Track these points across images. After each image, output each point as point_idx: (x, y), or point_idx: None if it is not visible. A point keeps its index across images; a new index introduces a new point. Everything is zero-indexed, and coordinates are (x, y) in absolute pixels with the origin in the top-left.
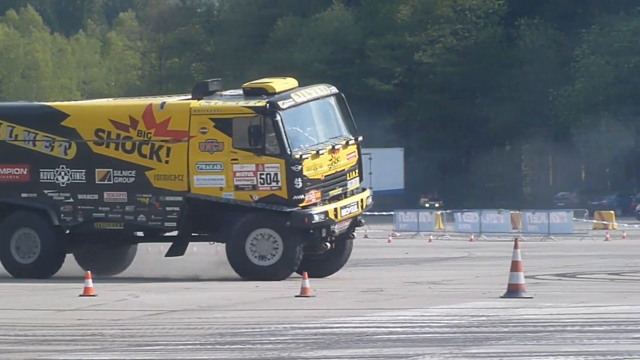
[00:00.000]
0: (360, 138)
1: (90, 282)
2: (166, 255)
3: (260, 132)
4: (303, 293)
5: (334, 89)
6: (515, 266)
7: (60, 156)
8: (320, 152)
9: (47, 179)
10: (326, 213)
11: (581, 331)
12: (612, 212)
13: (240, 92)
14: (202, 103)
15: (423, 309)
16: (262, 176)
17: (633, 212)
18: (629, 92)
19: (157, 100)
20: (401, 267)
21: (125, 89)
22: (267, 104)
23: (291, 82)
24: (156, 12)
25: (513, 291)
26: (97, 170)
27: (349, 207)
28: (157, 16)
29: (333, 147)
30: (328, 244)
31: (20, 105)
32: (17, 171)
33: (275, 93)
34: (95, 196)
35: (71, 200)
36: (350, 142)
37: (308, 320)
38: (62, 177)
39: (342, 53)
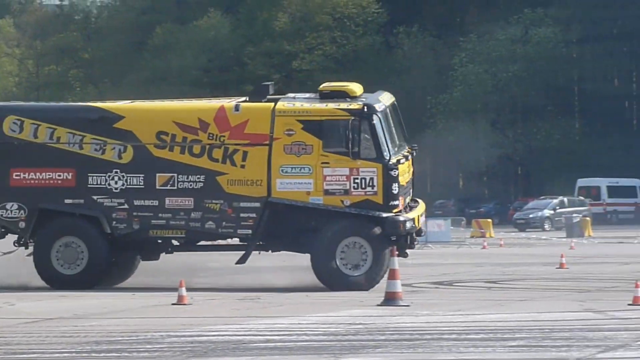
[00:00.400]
0: (416, 146)
1: None
2: (236, 263)
3: (356, 135)
4: (180, 301)
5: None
6: (392, 274)
7: (114, 160)
8: (408, 158)
9: (96, 184)
10: (413, 220)
11: (458, 339)
12: (489, 220)
13: (310, 95)
14: (287, 104)
15: (300, 317)
16: (356, 180)
17: (510, 221)
18: (506, 100)
19: (229, 102)
20: (280, 274)
21: (1, 95)
22: (365, 107)
23: (358, 87)
24: (34, 18)
25: (390, 299)
26: (158, 175)
27: (422, 215)
28: (35, 23)
29: (411, 153)
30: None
31: (63, 106)
32: (59, 176)
33: (356, 96)
34: (155, 202)
35: (126, 206)
36: (415, 150)
37: (185, 329)
38: (116, 182)
39: (220, 60)
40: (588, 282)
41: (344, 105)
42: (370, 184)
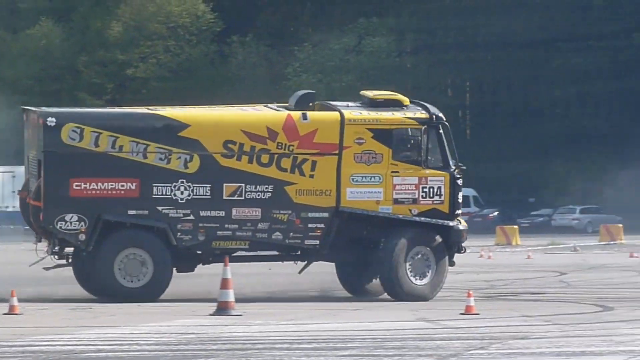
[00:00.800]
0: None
1: None
2: (300, 272)
3: (426, 144)
4: (11, 311)
5: None
6: (224, 284)
7: (180, 170)
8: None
9: (161, 195)
10: (467, 229)
11: (290, 349)
12: None
13: (356, 103)
14: (354, 113)
15: (132, 327)
16: (425, 189)
17: None
18: None
19: (297, 113)
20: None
21: None
22: (433, 116)
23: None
24: None
25: (222, 309)
26: (225, 185)
27: None
28: None
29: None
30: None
31: (126, 113)
32: (122, 186)
33: (407, 105)
34: (222, 213)
35: (191, 217)
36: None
37: (15, 338)
38: (182, 193)
39: (53, 69)
40: None
41: (411, 114)
42: (438, 192)
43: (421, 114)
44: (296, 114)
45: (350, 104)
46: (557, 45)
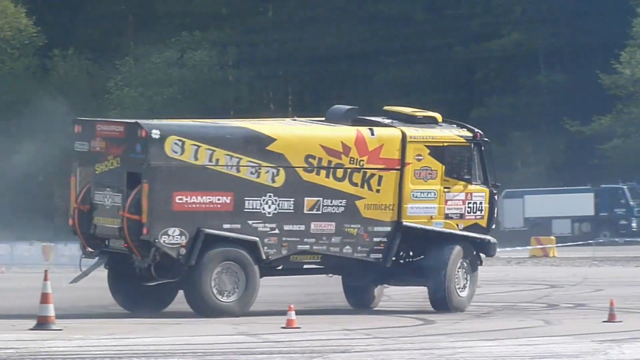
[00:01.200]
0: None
1: None
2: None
3: (472, 161)
4: None
5: None
6: (44, 298)
7: (268, 184)
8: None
9: (252, 209)
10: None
11: None
12: None
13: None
14: (412, 131)
15: None
16: (470, 205)
17: None
18: None
19: (364, 129)
20: None
21: None
22: (478, 134)
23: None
24: None
25: (42, 323)
26: (306, 199)
27: None
28: None
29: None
30: None
31: (220, 126)
32: (219, 199)
33: (441, 123)
34: (302, 227)
35: (277, 231)
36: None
37: None
38: (269, 207)
39: None
40: None
41: (458, 132)
42: (480, 208)
43: (467, 132)
44: (365, 130)
45: (381, 119)
46: (380, 58)
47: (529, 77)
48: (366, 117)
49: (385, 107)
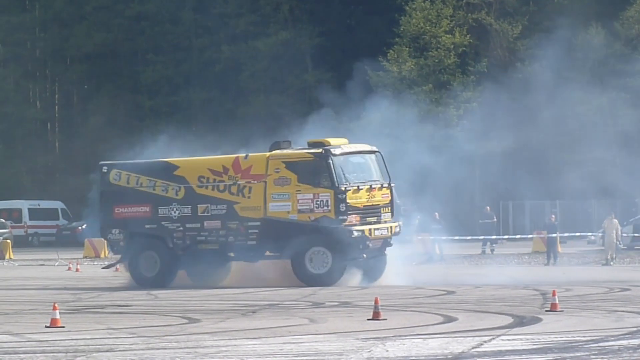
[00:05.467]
0: (393, 184)
1: None
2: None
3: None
4: None
5: (374, 148)
6: None
7: (173, 197)
8: (360, 188)
9: (164, 214)
10: (363, 231)
11: None
12: None
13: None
14: (276, 152)
15: None
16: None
17: None
18: None
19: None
20: None
21: None
22: (324, 150)
23: (343, 140)
24: None
25: None
26: (199, 205)
27: (380, 230)
28: None
29: (370, 186)
30: (365, 255)
31: (146, 160)
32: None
33: (329, 146)
34: (198, 225)
35: (181, 228)
36: (384, 186)
37: None
38: (175, 212)
39: None
40: (6, 305)
41: (308, 150)
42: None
43: (317, 149)
44: (241, 155)
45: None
46: (147, 57)
47: (296, 76)
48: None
49: (308, 140)
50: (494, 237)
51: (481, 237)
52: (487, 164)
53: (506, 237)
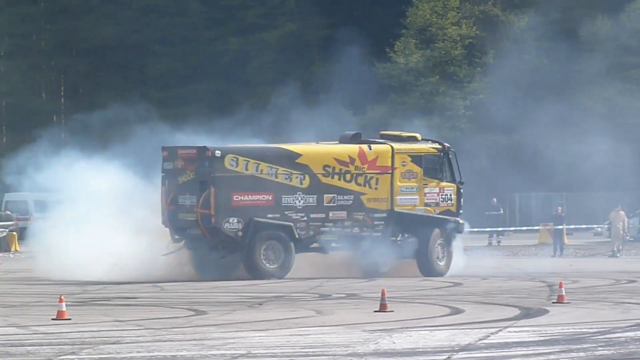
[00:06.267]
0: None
1: None
2: None
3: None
4: None
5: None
6: None
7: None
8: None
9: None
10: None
11: None
12: None
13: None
14: (398, 145)
15: None
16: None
17: None
18: None
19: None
20: None
21: None
22: (445, 146)
23: (416, 134)
24: None
25: None
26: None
27: None
28: None
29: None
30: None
31: (263, 146)
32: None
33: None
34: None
35: (305, 218)
36: None
37: None
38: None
39: None
40: (13, 298)
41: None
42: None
43: (438, 145)
44: (364, 146)
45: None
46: (154, 49)
47: (304, 67)
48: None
49: (381, 132)
50: (500, 229)
51: (488, 229)
52: (494, 156)
53: (512, 229)
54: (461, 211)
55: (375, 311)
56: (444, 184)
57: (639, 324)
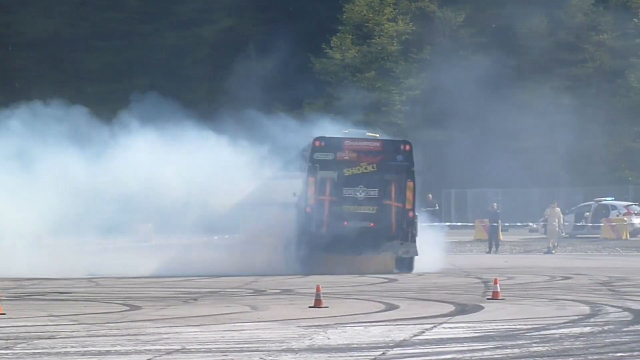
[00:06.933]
0: None
1: None
2: None
3: None
4: None
5: None
6: None
7: None
8: None
9: None
10: None
11: None
12: None
13: None
14: None
15: None
16: None
17: None
18: None
19: None
20: None
21: None
22: None
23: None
24: None
25: None
26: None
27: None
28: None
29: None
30: None
31: None
32: None
33: None
34: None
35: None
36: None
37: None
38: None
39: None
40: None
41: None
42: None
43: None
44: None
45: None
46: (90, 44)
47: (240, 63)
48: None
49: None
50: (435, 224)
51: (423, 225)
52: (429, 152)
53: (448, 224)
54: None
55: (310, 307)
56: None
57: (574, 321)
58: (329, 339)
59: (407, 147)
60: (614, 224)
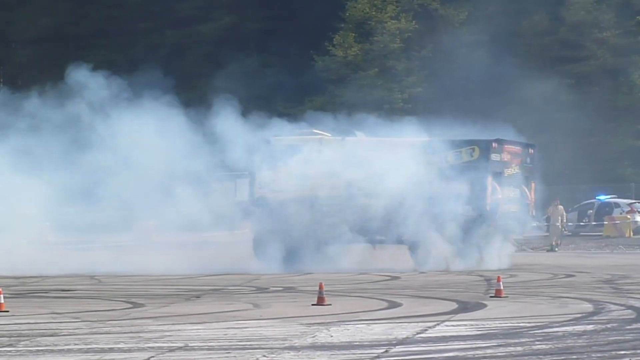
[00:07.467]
0: None
1: None
2: None
3: None
4: None
5: None
6: None
7: None
8: None
9: None
10: None
11: None
12: None
13: None
14: None
15: None
16: None
17: None
18: None
19: None
20: None
21: None
22: None
23: None
24: None
25: None
26: None
27: None
28: None
29: None
30: None
31: None
32: None
33: None
34: None
35: None
36: None
37: None
38: None
39: None
40: None
41: None
42: None
43: None
44: None
45: None
46: (91, 41)
47: (241, 61)
48: None
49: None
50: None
51: None
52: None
53: None
54: None
55: (312, 304)
56: None
57: (577, 318)
58: (331, 336)
59: (532, 151)
60: (617, 221)
